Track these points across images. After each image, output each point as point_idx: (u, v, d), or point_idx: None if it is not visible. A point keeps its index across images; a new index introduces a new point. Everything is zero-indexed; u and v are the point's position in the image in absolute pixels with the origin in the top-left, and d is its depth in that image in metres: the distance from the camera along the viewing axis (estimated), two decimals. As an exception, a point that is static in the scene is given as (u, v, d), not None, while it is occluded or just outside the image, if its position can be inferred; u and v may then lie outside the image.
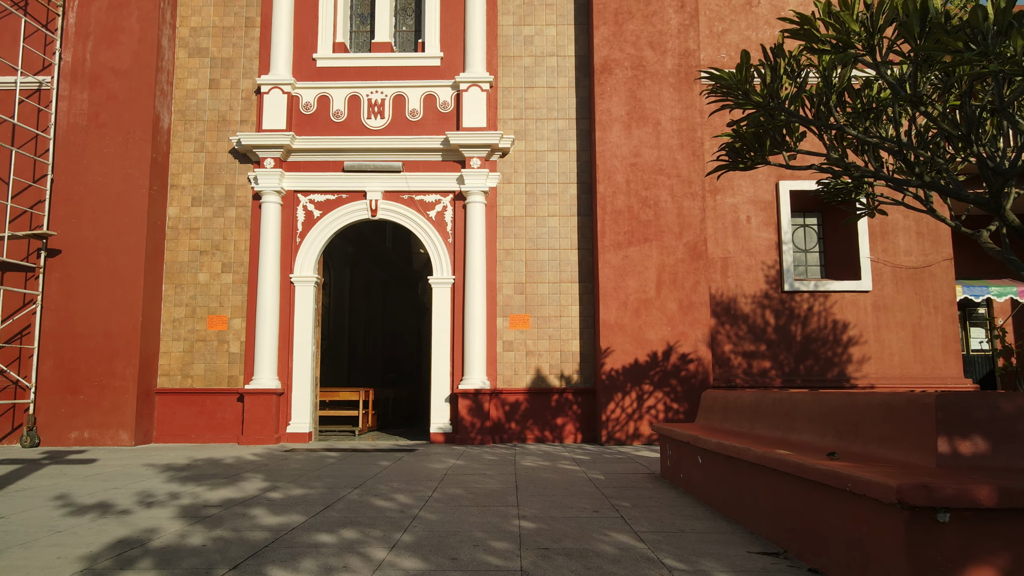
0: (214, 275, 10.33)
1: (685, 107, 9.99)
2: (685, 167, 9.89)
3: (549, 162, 10.48)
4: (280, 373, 10.09)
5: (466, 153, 10.23)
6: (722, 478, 4.50)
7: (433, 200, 10.42)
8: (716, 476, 4.63)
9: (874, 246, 10.18)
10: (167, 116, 10.47)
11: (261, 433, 9.71)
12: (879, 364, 9.97)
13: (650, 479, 6.12)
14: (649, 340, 9.58)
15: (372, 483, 5.91)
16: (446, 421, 9.99)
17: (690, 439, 5.04)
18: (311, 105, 10.55)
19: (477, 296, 10.00)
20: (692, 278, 9.67)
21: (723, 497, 4.50)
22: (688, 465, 5.33)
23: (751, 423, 4.76)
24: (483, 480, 6.08)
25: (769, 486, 3.68)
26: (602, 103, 10.03)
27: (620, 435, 9.41)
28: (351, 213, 10.43)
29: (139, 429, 9.63)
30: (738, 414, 5.03)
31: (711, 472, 4.74)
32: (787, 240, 10.19)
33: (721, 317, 10.17)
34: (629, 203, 9.84)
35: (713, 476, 4.70)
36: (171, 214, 10.45)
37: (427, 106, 10.54)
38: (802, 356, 10.04)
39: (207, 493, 5.41)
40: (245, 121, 10.60)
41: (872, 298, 10.09)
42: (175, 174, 10.52)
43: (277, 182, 10.22)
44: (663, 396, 9.48)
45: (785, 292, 10.15)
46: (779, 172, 10.36)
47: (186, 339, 10.21)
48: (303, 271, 10.30)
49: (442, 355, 10.15)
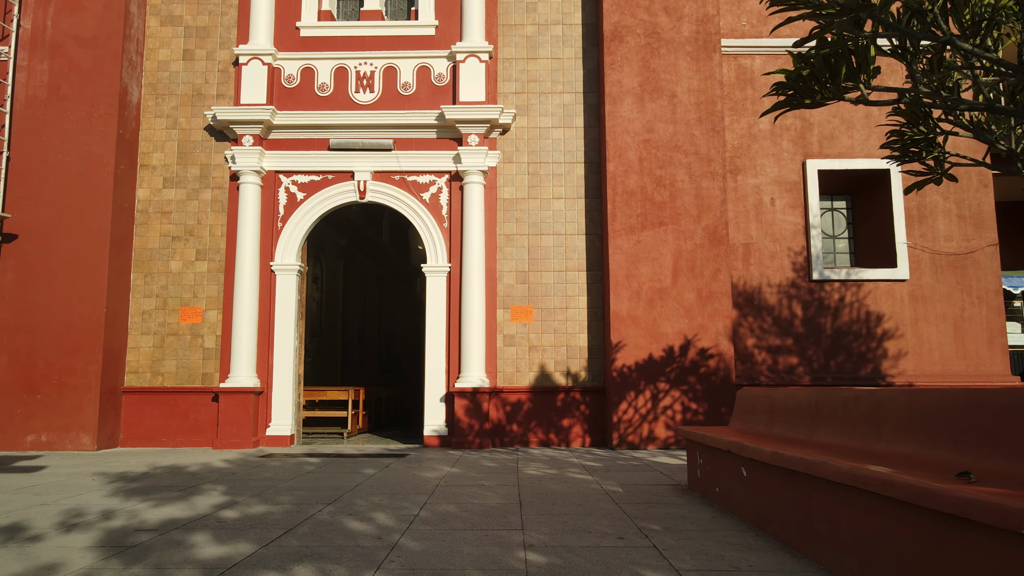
0: (187, 263, 9.43)
1: (703, 78, 9.09)
2: (704, 143, 8.99)
3: (554, 139, 9.58)
4: (259, 370, 9.19)
5: (463, 129, 9.33)
6: (779, 497, 3.60)
7: (427, 181, 9.52)
8: (770, 494, 3.73)
9: (911, 231, 9.28)
10: (136, 89, 9.57)
11: (237, 436, 8.81)
12: (917, 360, 9.07)
13: (677, 492, 5.22)
14: (664, 333, 8.68)
15: (350, 497, 5.02)
16: (441, 423, 9.09)
17: (732, 447, 4.15)
18: (294, 78, 9.65)
19: (475, 286, 9.11)
20: (712, 265, 8.77)
21: (781, 521, 3.60)
22: (727, 478, 4.44)
23: (809, 428, 3.86)
24: (481, 493, 5.19)
25: (860, 513, 2.78)
26: (612, 74, 9.13)
27: (633, 438, 8.52)
28: (337, 195, 9.53)
29: (103, 432, 8.73)
30: (790, 417, 4.13)
31: (762, 488, 3.84)
32: (815, 224, 9.29)
33: (743, 308, 9.26)
34: (642, 183, 8.94)
35: (765, 494, 3.80)
36: (140, 196, 9.55)
37: (420, 79, 9.64)
38: (832, 351, 9.13)
39: (148, 512, 4.52)
40: (222, 95, 9.70)
41: (909, 287, 9.19)
42: (145, 153, 9.62)
43: (256, 161, 9.32)
44: (680, 395, 8.58)
45: (813, 281, 9.25)
46: (806, 149, 9.46)
47: (156, 333, 9.32)
48: (285, 258, 9.40)
49: (437, 350, 9.25)
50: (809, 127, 9.50)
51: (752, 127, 9.53)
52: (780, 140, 9.49)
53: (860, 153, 9.41)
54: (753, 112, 9.55)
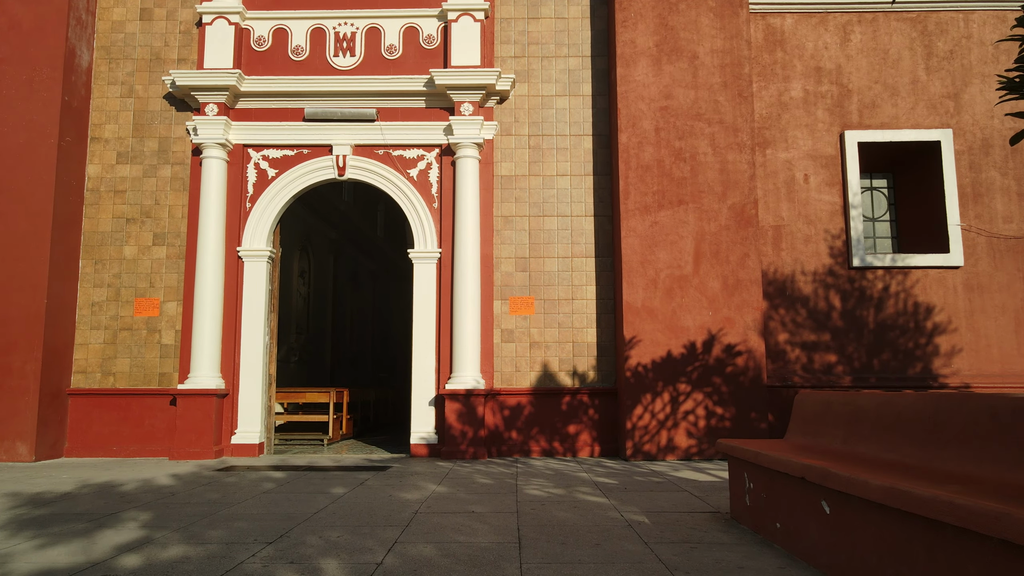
0: (144, 248, 8.33)
1: (729, 36, 7.98)
2: (729, 111, 7.88)
3: (558, 109, 8.48)
4: (224, 370, 8.09)
5: (455, 97, 8.23)
6: (896, 552, 2.50)
7: (415, 156, 8.42)
8: (875, 544, 2.63)
9: (964, 212, 8.17)
10: (86, 52, 8.47)
11: (197, 445, 7.70)
12: (973, 358, 7.96)
13: (720, 524, 4.11)
14: (685, 327, 7.58)
15: (301, 532, 3.91)
16: (430, 429, 7.98)
17: (808, 473, 3.04)
18: (265, 39, 8.55)
19: (469, 274, 8.01)
20: (739, 249, 7.67)
21: (894, 585, 2.49)
22: (796, 512, 3.33)
23: (923, 449, 2.76)
24: (469, 525, 4.08)
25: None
26: (625, 32, 8.03)
27: (650, 447, 7.42)
28: (314, 172, 8.42)
29: (43, 440, 7.63)
30: (889, 433, 3.02)
31: (860, 534, 2.73)
32: (855, 204, 8.17)
33: (774, 299, 8.16)
34: (659, 156, 7.83)
35: (865, 542, 2.70)
36: (91, 173, 8.45)
37: (407, 41, 8.53)
38: (876, 348, 8.02)
39: (25, 556, 3.42)
40: (184, 60, 8.60)
41: (963, 275, 8.07)
42: (97, 124, 8.52)
43: (221, 133, 8.22)
44: (703, 398, 7.48)
45: (853, 268, 8.14)
46: (844, 119, 8.35)
47: (108, 327, 8.22)
48: (254, 243, 8.30)
49: (425, 348, 8.15)
50: (847, 94, 8.39)
51: (782, 95, 8.43)
52: (814, 109, 8.38)
53: (906, 124, 8.30)
54: (784, 78, 8.44)
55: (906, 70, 8.38)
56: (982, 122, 8.28)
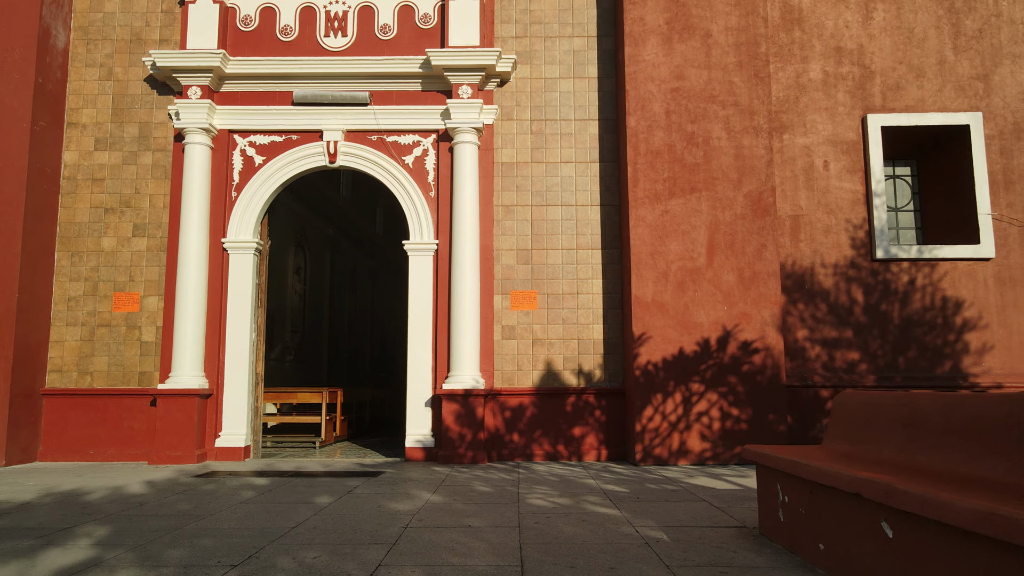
0: (123, 240, 7.86)
1: (744, 13, 7.49)
2: (745, 93, 7.40)
3: (562, 92, 8.00)
4: (208, 369, 7.62)
5: (453, 79, 7.75)
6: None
7: (410, 142, 7.94)
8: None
9: (995, 200, 7.68)
10: (62, 32, 8.00)
11: (178, 448, 7.23)
12: (1005, 355, 7.46)
13: (748, 542, 3.63)
14: (698, 323, 7.10)
15: (274, 549, 3.44)
16: (426, 432, 7.51)
17: (865, 488, 2.56)
18: (251, 19, 8.08)
19: (467, 267, 7.53)
20: (756, 240, 7.18)
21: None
22: (844, 531, 2.85)
23: (1010, 462, 2.27)
24: (465, 543, 3.60)
25: None
26: (634, 9, 7.54)
27: (661, 451, 6.93)
28: (303, 159, 7.95)
29: (14, 444, 7.17)
30: (960, 441, 2.54)
31: (940, 566, 2.24)
32: (879, 192, 7.68)
33: (792, 293, 7.67)
34: (670, 141, 7.35)
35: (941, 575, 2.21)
36: (68, 160, 7.98)
37: (402, 20, 8.06)
38: (901, 345, 7.53)
39: (-52, 583, 2.95)
40: (166, 40, 8.13)
41: (995, 268, 7.58)
42: (74, 108, 8.05)
43: (205, 118, 7.74)
44: (718, 399, 6.99)
45: (877, 260, 7.65)
46: (866, 102, 7.85)
47: (85, 324, 7.75)
48: (240, 235, 7.83)
49: (421, 345, 7.67)
50: (870, 76, 7.89)
51: (800, 76, 7.93)
52: (835, 92, 7.89)
53: (932, 107, 7.80)
54: (802, 58, 7.95)
55: (932, 50, 7.89)
56: (1013, 105, 7.79)
